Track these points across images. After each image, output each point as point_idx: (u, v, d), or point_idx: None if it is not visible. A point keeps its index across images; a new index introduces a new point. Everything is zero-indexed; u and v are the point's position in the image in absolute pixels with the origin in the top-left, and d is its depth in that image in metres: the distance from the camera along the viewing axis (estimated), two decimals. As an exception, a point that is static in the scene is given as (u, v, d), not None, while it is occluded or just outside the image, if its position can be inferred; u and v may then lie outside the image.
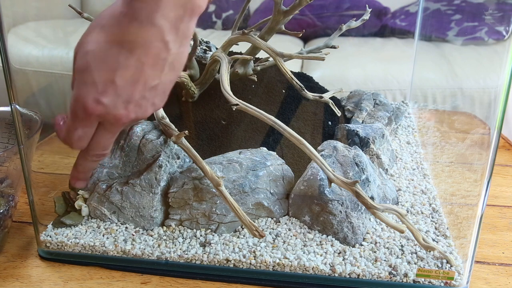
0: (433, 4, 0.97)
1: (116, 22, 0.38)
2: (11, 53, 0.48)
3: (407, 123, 0.84)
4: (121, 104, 0.40)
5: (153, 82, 0.40)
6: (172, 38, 0.38)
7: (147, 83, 0.40)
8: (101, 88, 0.39)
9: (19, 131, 0.52)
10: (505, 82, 0.44)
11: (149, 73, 0.39)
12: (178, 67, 0.41)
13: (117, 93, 0.39)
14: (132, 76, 0.39)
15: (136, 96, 0.40)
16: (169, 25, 0.38)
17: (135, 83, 0.39)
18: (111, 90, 0.39)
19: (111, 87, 0.39)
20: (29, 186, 0.54)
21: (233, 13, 1.17)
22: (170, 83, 0.42)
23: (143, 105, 0.41)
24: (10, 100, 0.50)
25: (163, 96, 0.42)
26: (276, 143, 0.62)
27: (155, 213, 0.54)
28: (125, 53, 0.38)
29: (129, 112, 0.41)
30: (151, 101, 0.41)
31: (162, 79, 0.40)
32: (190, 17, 0.38)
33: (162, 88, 0.41)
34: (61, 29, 0.90)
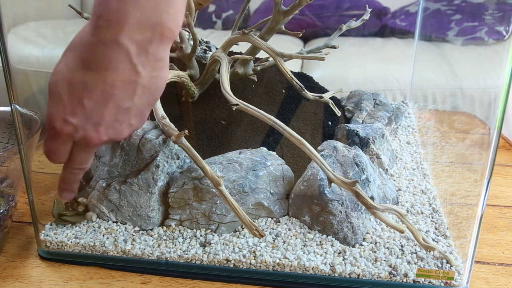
0: (433, 4, 0.97)
1: (83, 43, 0.38)
2: (11, 53, 0.48)
3: (407, 123, 0.84)
4: (91, 126, 0.40)
5: (124, 104, 0.39)
6: (141, 61, 0.37)
7: (118, 106, 0.39)
8: (70, 108, 0.39)
9: (19, 131, 0.52)
10: (505, 82, 0.44)
11: (119, 95, 0.38)
12: (155, 89, 0.40)
13: (86, 114, 0.39)
14: (100, 97, 0.38)
15: (107, 119, 0.39)
16: (136, 48, 0.37)
17: (104, 105, 0.39)
18: (80, 111, 0.39)
19: (79, 108, 0.39)
20: (29, 186, 0.54)
21: (233, 13, 1.17)
22: (148, 105, 0.41)
23: (116, 127, 0.40)
24: (10, 100, 0.50)
25: (141, 118, 0.41)
26: (276, 143, 0.62)
27: (152, 213, 0.54)
28: (92, 74, 0.38)
29: (100, 135, 0.40)
30: (126, 123, 0.41)
31: (135, 102, 0.39)
32: (160, 41, 0.37)
33: (138, 110, 0.41)
34: (61, 29, 0.90)
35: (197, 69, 0.63)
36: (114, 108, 0.39)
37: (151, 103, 0.41)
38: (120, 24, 0.36)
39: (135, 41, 0.36)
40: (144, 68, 0.38)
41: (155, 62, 0.38)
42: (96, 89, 0.38)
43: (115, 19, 0.36)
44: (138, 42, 0.37)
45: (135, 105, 0.40)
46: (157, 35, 0.37)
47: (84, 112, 0.39)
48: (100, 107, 0.39)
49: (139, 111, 0.41)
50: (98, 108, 0.39)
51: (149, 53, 0.37)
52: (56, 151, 0.42)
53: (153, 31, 0.37)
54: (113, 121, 0.40)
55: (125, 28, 0.36)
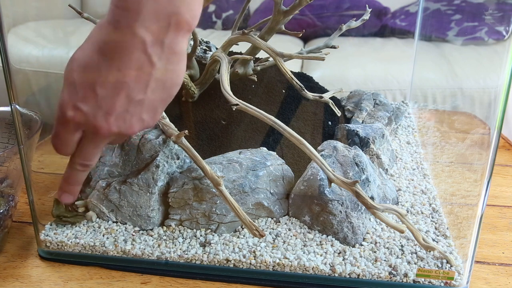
0: (433, 4, 0.97)
1: (101, 30, 0.38)
2: (11, 53, 0.48)
3: (407, 123, 0.84)
4: (102, 115, 0.39)
5: (137, 96, 0.39)
6: (156, 52, 0.37)
7: (130, 97, 0.38)
8: (82, 95, 0.39)
9: (19, 131, 0.52)
10: (505, 82, 0.44)
11: (132, 85, 0.38)
12: (170, 85, 0.40)
13: (98, 102, 0.39)
14: (113, 86, 0.38)
15: (118, 109, 0.39)
16: (151, 37, 0.36)
17: (116, 94, 0.38)
18: (91, 99, 0.38)
19: (91, 95, 0.38)
20: (29, 186, 0.54)
21: (233, 13, 1.17)
22: (161, 101, 0.40)
23: (126, 120, 0.40)
24: (10, 100, 0.50)
25: (153, 114, 0.41)
26: (276, 143, 0.62)
27: (152, 213, 0.54)
28: (106, 61, 0.37)
29: (109, 125, 0.40)
30: (137, 117, 0.40)
31: (148, 95, 0.39)
32: (176, 32, 0.37)
33: (150, 105, 0.40)
34: (61, 29, 0.90)
35: (197, 69, 0.63)
36: (126, 98, 0.39)
37: (165, 100, 0.41)
38: (136, 13, 0.35)
39: (151, 30, 0.36)
40: (159, 59, 0.37)
41: (170, 54, 0.38)
42: (109, 77, 0.38)
43: (131, 7, 0.35)
44: (154, 32, 0.36)
45: (148, 98, 0.39)
46: (173, 26, 0.36)
47: (95, 99, 0.38)
48: (112, 96, 0.38)
49: (152, 106, 0.40)
50: (109, 96, 0.38)
51: (164, 44, 0.37)
52: (64, 140, 0.41)
53: (169, 21, 0.36)
54: (124, 112, 0.39)
55: (140, 17, 0.36)
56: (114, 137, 0.42)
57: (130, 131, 0.41)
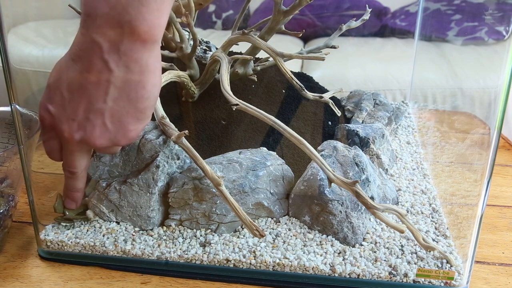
0: (433, 4, 0.96)
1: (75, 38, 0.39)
2: (11, 53, 0.48)
3: (407, 123, 0.84)
4: (65, 118, 0.40)
5: (96, 103, 0.39)
6: (113, 58, 0.37)
7: (91, 103, 0.39)
8: (52, 97, 0.41)
9: (19, 131, 0.52)
10: (505, 82, 0.44)
11: (93, 92, 0.39)
12: (135, 98, 0.39)
13: (63, 105, 0.40)
14: (76, 90, 0.39)
15: (80, 115, 0.40)
16: (107, 43, 0.37)
17: (79, 99, 0.39)
18: (59, 101, 0.40)
19: (59, 98, 0.40)
20: (29, 186, 0.54)
21: (233, 13, 1.17)
22: (127, 115, 0.40)
23: (87, 128, 0.40)
24: (10, 100, 0.50)
25: (119, 125, 0.41)
26: (276, 143, 0.62)
27: (152, 213, 0.54)
28: (73, 66, 0.39)
29: (71, 130, 0.41)
30: (99, 126, 0.40)
31: (109, 104, 0.39)
32: (132, 40, 0.37)
33: (114, 115, 0.40)
34: (61, 29, 0.90)
35: (197, 69, 0.63)
36: (87, 104, 0.40)
37: (133, 115, 0.40)
38: (94, 19, 0.37)
39: (106, 36, 0.37)
40: (117, 67, 0.38)
41: (129, 62, 0.38)
42: (74, 81, 0.39)
43: (91, 13, 0.37)
44: (109, 38, 0.37)
45: (110, 108, 0.40)
46: (127, 34, 0.37)
47: (62, 102, 0.40)
48: (75, 100, 0.40)
49: (116, 117, 0.40)
50: (73, 100, 0.40)
51: (120, 51, 0.37)
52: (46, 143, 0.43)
53: (123, 29, 0.36)
54: (85, 119, 0.40)
55: (97, 23, 0.37)
56: (81, 146, 0.43)
57: (92, 141, 0.41)
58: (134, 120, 0.41)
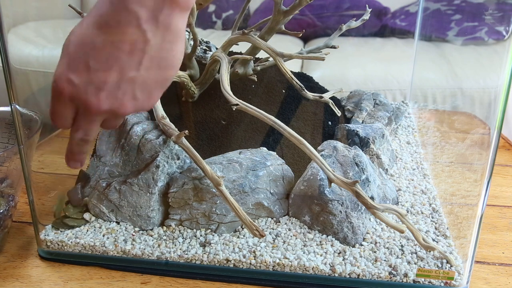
0: (433, 4, 0.97)
1: (99, 5, 0.38)
2: (11, 53, 0.48)
3: (407, 123, 0.84)
4: (92, 89, 0.39)
5: (129, 72, 0.38)
6: (151, 28, 0.37)
7: (123, 72, 0.38)
8: (74, 68, 0.38)
9: (19, 131, 0.52)
10: (505, 82, 0.44)
11: (125, 60, 0.38)
12: (165, 66, 0.39)
13: (89, 76, 0.38)
14: (106, 59, 0.38)
15: (110, 84, 0.39)
16: (146, 13, 0.36)
17: (109, 68, 0.38)
18: (84, 72, 0.38)
19: (84, 68, 0.38)
20: (29, 186, 0.54)
21: (233, 13, 1.17)
22: (156, 83, 0.40)
23: (118, 97, 0.39)
24: (10, 100, 0.50)
25: (147, 95, 0.40)
26: (276, 143, 0.62)
27: (152, 213, 0.54)
28: (102, 35, 0.37)
29: (99, 101, 0.39)
30: (129, 95, 0.39)
31: (141, 72, 0.39)
32: (171, 8, 0.37)
33: (145, 84, 0.39)
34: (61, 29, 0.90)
35: (197, 69, 0.63)
36: (118, 73, 0.38)
37: (160, 83, 0.40)
38: None
39: (145, 6, 0.36)
40: (154, 36, 0.37)
41: (165, 31, 0.38)
42: (102, 50, 0.38)
43: None
44: (148, 7, 0.36)
45: (141, 76, 0.39)
46: (167, 2, 0.36)
47: (88, 72, 0.38)
48: (104, 69, 0.38)
49: (146, 86, 0.40)
50: (102, 70, 0.38)
51: (159, 20, 0.37)
52: (58, 113, 0.41)
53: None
54: (116, 88, 0.39)
55: None
56: (106, 115, 0.41)
57: (121, 110, 0.40)
58: (159, 88, 0.41)
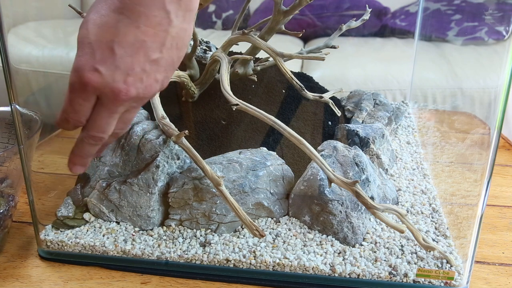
0: (433, 4, 0.97)
1: None
2: (11, 53, 0.48)
3: (407, 123, 0.84)
4: (120, 76, 0.38)
5: (154, 54, 0.38)
6: (174, 9, 0.37)
7: (148, 55, 0.38)
8: (99, 56, 0.37)
9: (19, 131, 0.52)
10: (505, 82, 0.44)
11: (150, 43, 0.37)
12: (182, 45, 0.39)
13: (116, 63, 0.37)
14: (131, 45, 0.37)
15: (136, 68, 0.38)
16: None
17: (134, 53, 0.37)
18: (109, 59, 0.37)
19: (109, 55, 0.37)
20: (29, 186, 0.54)
21: (233, 13, 1.17)
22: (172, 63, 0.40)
23: (144, 80, 0.39)
24: (10, 100, 0.50)
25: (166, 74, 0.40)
26: (276, 143, 0.62)
27: (152, 213, 0.54)
28: (124, 20, 0.37)
29: (128, 86, 0.38)
30: (153, 77, 0.39)
31: (164, 54, 0.38)
32: None
33: (165, 64, 0.39)
34: (61, 29, 0.90)
35: (197, 69, 0.63)
36: (143, 57, 0.38)
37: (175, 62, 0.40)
38: None
39: None
40: (176, 17, 0.37)
41: (186, 11, 0.38)
42: (127, 35, 0.37)
43: None
44: None
45: (163, 57, 0.39)
46: None
47: (113, 59, 0.37)
48: (130, 54, 0.37)
49: (166, 65, 0.40)
50: (128, 55, 0.37)
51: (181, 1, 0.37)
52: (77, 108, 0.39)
53: None
54: (142, 72, 0.38)
55: None
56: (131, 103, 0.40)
57: (148, 93, 0.40)
58: (172, 69, 0.41)
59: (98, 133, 0.41)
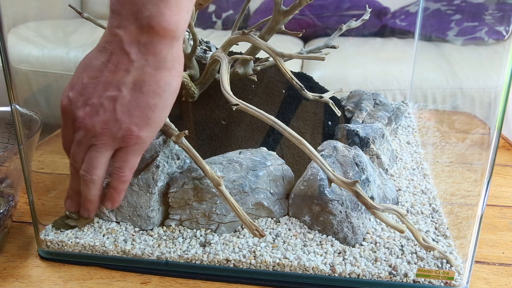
0: (433, 4, 0.97)
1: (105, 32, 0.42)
2: (11, 53, 0.48)
3: (407, 123, 0.84)
4: (81, 102, 0.43)
5: (112, 90, 0.41)
6: (133, 50, 0.40)
7: (107, 89, 0.41)
8: (73, 84, 0.43)
9: (19, 131, 0.52)
10: (505, 82, 0.44)
11: (110, 78, 0.41)
12: (147, 92, 0.41)
13: (81, 90, 0.42)
14: (96, 76, 0.42)
15: (94, 99, 0.42)
16: (128, 36, 0.40)
17: (96, 84, 0.42)
18: (79, 87, 0.43)
19: (79, 83, 0.42)
20: (29, 186, 0.54)
21: (233, 13, 1.17)
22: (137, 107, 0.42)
23: (100, 114, 0.42)
24: (10, 100, 0.50)
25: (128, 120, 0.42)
26: (276, 143, 0.62)
27: (152, 213, 0.54)
28: (98, 56, 0.42)
29: (84, 114, 0.42)
30: (114, 115, 0.42)
31: (123, 93, 0.41)
32: (151, 35, 0.39)
33: (126, 105, 0.42)
34: (61, 29, 0.90)
35: (197, 69, 0.63)
36: (102, 90, 0.42)
37: (143, 108, 0.42)
38: (118, 15, 0.40)
39: (128, 30, 0.39)
40: (137, 58, 0.40)
41: (148, 55, 0.40)
42: (95, 69, 0.41)
43: (115, 10, 0.40)
44: (130, 32, 0.39)
45: (123, 97, 0.41)
46: (146, 28, 0.39)
47: (81, 88, 0.42)
48: (93, 85, 0.42)
49: (127, 107, 0.42)
50: (91, 86, 0.42)
51: (140, 43, 0.40)
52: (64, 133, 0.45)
53: (141, 24, 0.39)
54: (99, 105, 0.42)
55: (120, 18, 0.39)
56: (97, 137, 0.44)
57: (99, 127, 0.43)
58: (143, 118, 0.43)
59: (84, 171, 0.46)
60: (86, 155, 0.45)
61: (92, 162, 0.45)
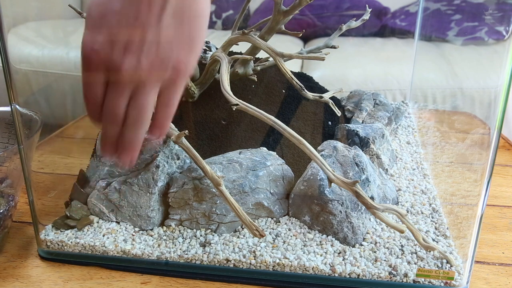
0: (433, 4, 0.97)
1: None
2: (11, 53, 0.48)
3: (407, 123, 0.84)
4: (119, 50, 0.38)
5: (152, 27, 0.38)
6: None
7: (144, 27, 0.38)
8: (98, 29, 0.38)
9: (19, 131, 0.52)
10: (505, 82, 0.44)
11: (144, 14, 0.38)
12: (188, 16, 0.39)
13: (114, 34, 0.38)
14: (126, 16, 0.38)
15: (134, 43, 0.38)
16: None
17: (130, 24, 0.38)
18: (107, 31, 0.38)
19: (107, 27, 0.38)
20: (29, 186, 0.54)
21: (233, 13, 1.17)
22: (181, 36, 0.39)
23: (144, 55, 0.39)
24: (10, 100, 0.50)
25: (173, 53, 0.39)
26: (276, 143, 0.62)
27: (152, 213, 0.54)
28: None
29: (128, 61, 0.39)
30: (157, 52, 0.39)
31: (165, 26, 0.38)
32: None
33: (168, 38, 0.39)
34: (61, 29, 0.90)
35: (197, 69, 0.63)
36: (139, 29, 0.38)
37: (186, 36, 0.40)
38: None
39: None
40: None
41: None
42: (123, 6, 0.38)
43: None
44: None
45: (167, 30, 0.39)
46: None
47: (111, 31, 0.38)
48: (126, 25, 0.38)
49: (170, 40, 0.39)
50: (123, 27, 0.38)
51: None
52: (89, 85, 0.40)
53: None
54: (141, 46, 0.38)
55: None
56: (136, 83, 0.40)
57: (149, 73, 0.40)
58: (187, 45, 0.41)
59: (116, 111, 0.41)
60: (132, 100, 0.41)
61: (143, 105, 0.41)
